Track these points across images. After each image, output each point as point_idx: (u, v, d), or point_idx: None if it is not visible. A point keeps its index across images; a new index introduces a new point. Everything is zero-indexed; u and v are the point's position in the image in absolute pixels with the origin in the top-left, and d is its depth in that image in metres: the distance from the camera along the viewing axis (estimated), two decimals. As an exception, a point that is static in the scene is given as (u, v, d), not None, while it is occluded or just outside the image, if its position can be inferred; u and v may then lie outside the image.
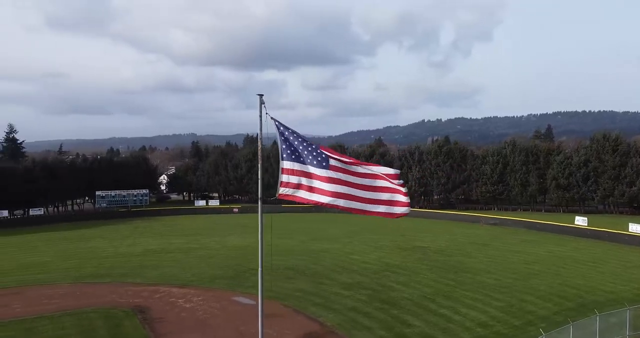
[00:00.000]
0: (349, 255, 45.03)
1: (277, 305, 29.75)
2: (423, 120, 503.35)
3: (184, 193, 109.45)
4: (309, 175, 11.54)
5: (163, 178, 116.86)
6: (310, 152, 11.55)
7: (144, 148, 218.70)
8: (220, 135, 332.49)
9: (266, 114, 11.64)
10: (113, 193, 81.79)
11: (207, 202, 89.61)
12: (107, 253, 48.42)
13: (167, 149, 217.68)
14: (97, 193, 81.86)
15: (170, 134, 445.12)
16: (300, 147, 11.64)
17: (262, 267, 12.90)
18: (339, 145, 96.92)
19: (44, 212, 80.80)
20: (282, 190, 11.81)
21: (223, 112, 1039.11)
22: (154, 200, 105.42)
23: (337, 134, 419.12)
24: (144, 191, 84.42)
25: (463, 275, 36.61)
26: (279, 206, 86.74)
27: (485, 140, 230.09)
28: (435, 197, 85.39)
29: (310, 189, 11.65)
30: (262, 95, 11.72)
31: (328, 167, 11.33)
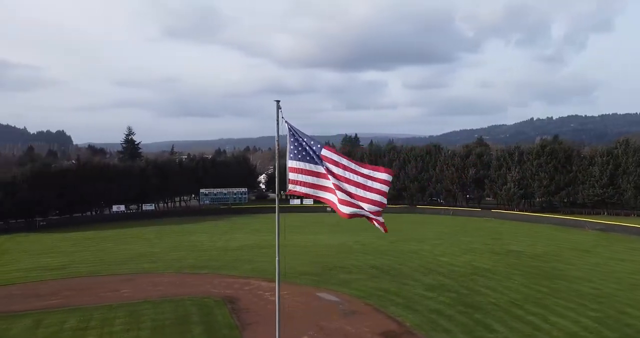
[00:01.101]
0: (437, 257, 44.32)
1: (358, 302, 30.32)
2: (532, 119, 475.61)
3: (282, 192, 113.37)
4: (315, 174, 12.38)
5: (263, 177, 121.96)
6: (315, 152, 12.41)
7: (247, 149, 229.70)
8: (321, 135, 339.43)
9: (282, 117, 12.53)
10: (215, 191, 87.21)
11: (301, 201, 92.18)
12: (207, 246, 51.94)
13: (269, 149, 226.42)
14: (201, 191, 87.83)
15: (274, 135, 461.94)
16: (307, 148, 12.50)
17: (278, 258, 13.67)
18: (434, 146, 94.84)
19: (155, 207, 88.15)
20: (290, 187, 12.70)
21: (324, 112, 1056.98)
22: (253, 198, 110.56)
23: (439, 133, 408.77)
24: (243, 189, 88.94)
25: (558, 283, 34.61)
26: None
27: (602, 140, 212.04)
28: (537, 199, 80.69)
29: (313, 186, 12.32)
30: (279, 101, 12.71)
31: (325, 168, 12.24)
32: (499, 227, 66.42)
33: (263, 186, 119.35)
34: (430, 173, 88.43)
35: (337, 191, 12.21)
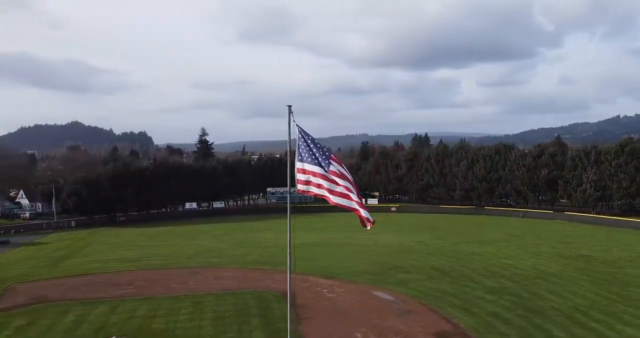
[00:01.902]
0: (501, 260, 43.14)
1: (414, 302, 30.31)
2: (618, 116, 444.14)
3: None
4: (321, 176, 13.25)
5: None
6: (321, 155, 13.23)
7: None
8: (391, 135, 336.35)
9: (293, 121, 13.22)
10: (282, 190, 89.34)
11: (365, 201, 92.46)
12: (271, 243, 53.56)
13: (339, 149, 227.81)
14: (268, 190, 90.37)
15: (344, 134, 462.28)
16: (315, 150, 13.32)
17: (290, 260, 14.09)
18: (504, 145, 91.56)
19: (225, 205, 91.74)
20: (299, 187, 13.67)
21: (395, 112, 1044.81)
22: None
23: (515, 132, 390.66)
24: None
25: (630, 290, 32.72)
26: (438, 206, 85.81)
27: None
28: (616, 202, 75.89)
29: (319, 186, 12.94)
30: (291, 105, 13.31)
31: (329, 170, 13.15)
32: (572, 230, 63.29)
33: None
34: (499, 174, 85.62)
35: (348, 193, 13.19)
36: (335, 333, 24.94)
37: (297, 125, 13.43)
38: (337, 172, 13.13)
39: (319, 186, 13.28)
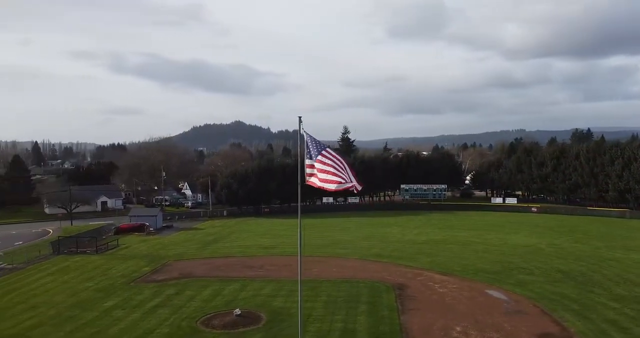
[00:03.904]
0: (643, 268, 39.42)
1: (527, 303, 29.80)
2: None
3: (487, 190, 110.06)
4: (311, 166, 15.88)
5: (470, 174, 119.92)
6: (319, 151, 15.66)
7: (465, 145, 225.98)
8: (550, 130, 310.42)
9: (302, 129, 15.18)
10: (415, 187, 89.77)
11: (503, 200, 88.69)
12: (396, 238, 55.02)
13: (490, 146, 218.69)
14: (402, 186, 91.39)
15: (498, 130, 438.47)
16: (311, 148, 15.73)
17: (300, 260, 16.01)
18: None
19: (359, 200, 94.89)
20: (307, 179, 16.05)
21: (556, 105, 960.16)
22: (458, 195, 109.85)
23: None
24: (443, 186, 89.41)
25: None
26: (584, 208, 79.31)
27: None
28: None
29: (311, 175, 15.71)
30: (301, 117, 15.51)
31: (316, 159, 15.74)
32: None
33: (470, 183, 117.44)
34: (663, 174, 75.91)
35: (318, 174, 15.79)
36: (435, 325, 25.93)
37: (305, 132, 15.76)
38: (325, 160, 15.57)
39: (311, 175, 15.88)
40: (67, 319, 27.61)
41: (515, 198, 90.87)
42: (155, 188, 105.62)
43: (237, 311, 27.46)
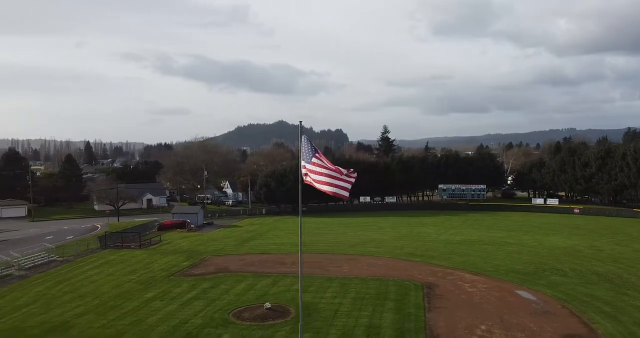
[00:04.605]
0: (686, 272, 38.18)
1: (556, 304, 29.64)
2: None
3: (529, 190, 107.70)
4: (309, 170, 17.01)
5: (513, 175, 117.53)
6: (312, 154, 16.81)
7: (510, 145, 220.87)
8: (603, 129, 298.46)
9: (302, 133, 16.21)
10: (453, 187, 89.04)
11: (545, 201, 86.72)
12: (431, 238, 55.06)
13: (537, 145, 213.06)
14: (440, 186, 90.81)
15: (547, 129, 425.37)
16: (310, 152, 16.80)
17: (301, 259, 16.25)
18: None
19: (397, 200, 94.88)
20: (305, 178, 17.23)
21: (610, 103, 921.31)
22: (499, 196, 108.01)
23: None
24: (482, 186, 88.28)
25: None
26: (631, 210, 76.70)
27: None
28: None
29: (306, 175, 16.84)
30: (301, 121, 17.21)
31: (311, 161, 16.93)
32: None
33: (512, 183, 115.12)
34: None
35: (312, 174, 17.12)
36: (460, 323, 26.28)
37: (304, 135, 16.95)
38: (318, 162, 16.68)
39: (306, 175, 17.14)
40: (110, 308, 29.53)
41: (557, 199, 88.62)
42: (198, 186, 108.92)
43: (267, 305, 28.63)
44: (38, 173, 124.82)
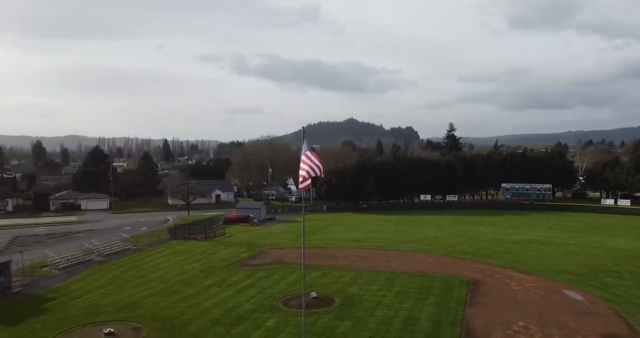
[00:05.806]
0: None
1: (603, 305, 29.49)
2: None
3: (601, 190, 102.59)
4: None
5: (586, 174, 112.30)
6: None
7: (590, 142, 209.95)
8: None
9: (304, 138, 17.66)
10: (517, 186, 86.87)
11: (615, 201, 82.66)
12: (487, 237, 54.78)
13: (622, 143, 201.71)
14: (503, 185, 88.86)
15: (635, 126, 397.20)
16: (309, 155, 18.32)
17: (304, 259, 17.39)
18: None
19: (459, 198, 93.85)
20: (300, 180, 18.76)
21: None
22: (569, 195, 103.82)
23: None
24: (547, 186, 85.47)
25: None
26: None
27: None
28: None
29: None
30: (304, 126, 17.87)
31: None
32: None
33: (584, 183, 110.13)
34: None
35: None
36: (498, 319, 26.94)
37: (305, 142, 18.55)
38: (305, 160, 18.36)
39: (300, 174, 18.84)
40: (173, 292, 32.71)
41: (629, 200, 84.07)
42: (264, 183, 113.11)
43: (314, 294, 30.59)
44: (119, 170, 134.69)
